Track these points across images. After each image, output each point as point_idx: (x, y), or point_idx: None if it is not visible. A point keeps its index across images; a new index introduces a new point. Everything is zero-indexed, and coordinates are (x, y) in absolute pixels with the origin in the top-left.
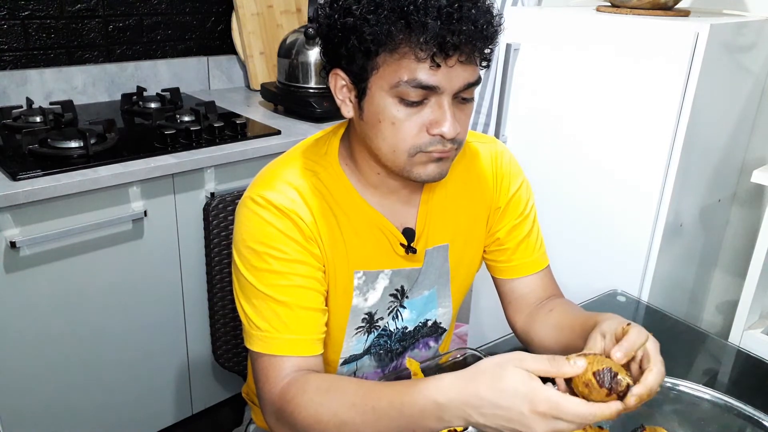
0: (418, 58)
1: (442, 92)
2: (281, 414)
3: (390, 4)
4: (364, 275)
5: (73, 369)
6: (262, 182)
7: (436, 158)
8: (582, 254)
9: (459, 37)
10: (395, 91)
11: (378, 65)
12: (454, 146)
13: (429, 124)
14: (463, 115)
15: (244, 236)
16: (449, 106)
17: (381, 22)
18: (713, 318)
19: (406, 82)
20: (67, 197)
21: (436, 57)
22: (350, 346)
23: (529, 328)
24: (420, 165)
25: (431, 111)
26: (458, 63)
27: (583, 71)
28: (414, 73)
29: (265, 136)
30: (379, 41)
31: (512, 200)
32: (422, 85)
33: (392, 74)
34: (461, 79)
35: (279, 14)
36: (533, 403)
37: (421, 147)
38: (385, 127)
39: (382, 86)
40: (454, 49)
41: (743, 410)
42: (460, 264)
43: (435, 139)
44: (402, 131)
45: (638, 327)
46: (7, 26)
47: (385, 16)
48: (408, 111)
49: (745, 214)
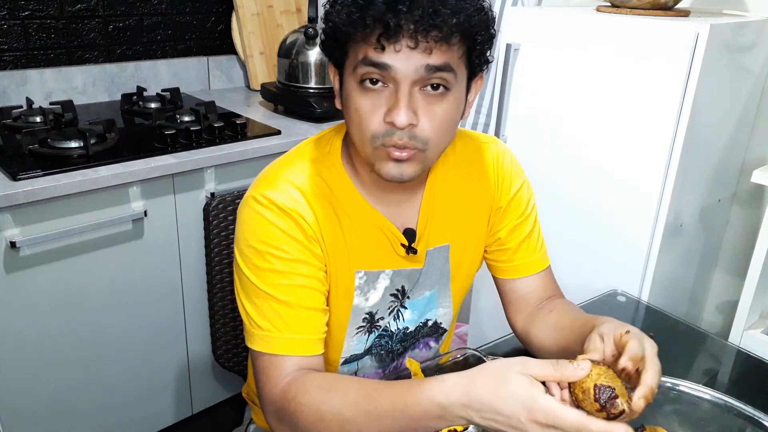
0: (365, 40)
1: (398, 77)
2: (282, 413)
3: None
4: (365, 275)
5: (73, 369)
6: (264, 181)
7: (394, 158)
8: (582, 254)
9: (403, 20)
10: (355, 75)
11: (347, 51)
12: (412, 143)
13: (386, 113)
14: (430, 111)
15: (246, 235)
16: (405, 94)
17: (342, 9)
18: (713, 318)
19: (360, 60)
20: (67, 197)
21: (382, 38)
22: (351, 345)
23: (528, 328)
24: (381, 161)
25: (388, 98)
26: (408, 48)
27: (583, 71)
28: (366, 51)
29: (265, 136)
30: (338, 28)
31: (513, 200)
32: (372, 62)
33: (354, 58)
34: (416, 62)
35: (279, 14)
36: (532, 411)
37: (378, 138)
38: (352, 114)
39: (349, 72)
40: (399, 31)
41: (743, 410)
42: (461, 264)
43: (390, 129)
44: (364, 119)
45: (637, 336)
46: (7, 26)
47: (350, 2)
48: (369, 97)
49: (745, 214)
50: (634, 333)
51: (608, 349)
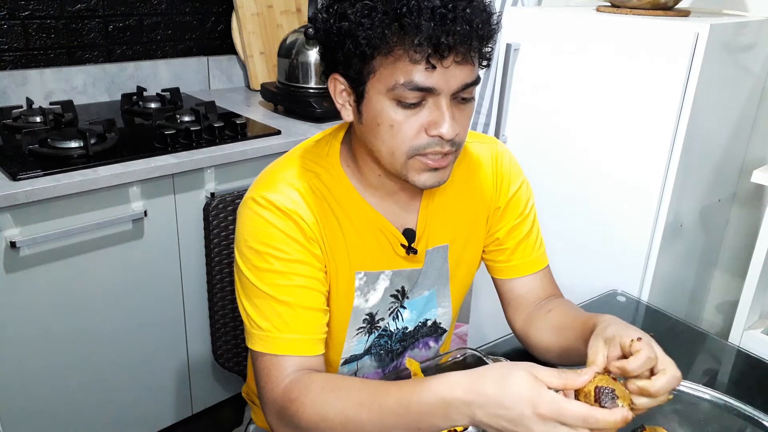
0: (413, 60)
1: (439, 93)
2: (283, 413)
3: (383, 7)
4: (365, 276)
5: (73, 369)
6: (263, 183)
7: (432, 167)
8: (582, 254)
9: (453, 38)
10: (392, 94)
11: (375, 68)
12: (452, 149)
13: (427, 125)
14: (463, 116)
15: (246, 236)
16: (447, 106)
17: (375, 25)
18: (713, 318)
19: (402, 84)
20: (67, 197)
21: (431, 58)
22: (351, 346)
23: (527, 328)
24: (415, 171)
25: (429, 112)
26: (454, 63)
27: (583, 71)
28: (410, 75)
29: (265, 136)
30: (373, 45)
31: (512, 200)
32: (419, 87)
33: (389, 77)
34: (458, 80)
35: (279, 14)
36: (536, 405)
37: (419, 149)
38: (383, 129)
39: (379, 89)
40: (449, 49)
41: (743, 410)
42: (459, 264)
43: (433, 140)
44: (400, 133)
45: (648, 346)
46: (7, 26)
47: (378, 19)
48: (406, 113)
49: (745, 214)
50: (646, 341)
51: (613, 353)
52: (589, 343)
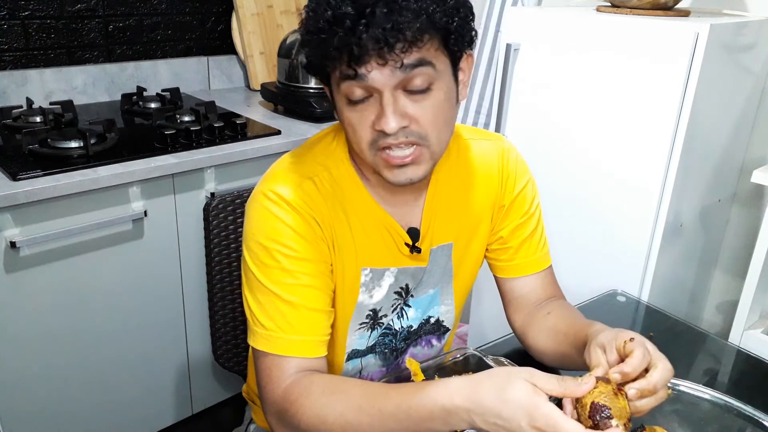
0: (338, 68)
1: (377, 87)
2: (284, 414)
3: (312, 26)
4: (371, 272)
5: (73, 369)
6: (274, 177)
7: (396, 164)
8: (582, 254)
9: (365, 46)
10: (341, 93)
11: (328, 72)
12: (412, 140)
13: (374, 121)
14: (420, 107)
15: (254, 231)
16: (390, 100)
17: (308, 43)
18: (713, 318)
19: (339, 78)
20: (67, 197)
21: (352, 63)
22: (353, 341)
23: (526, 328)
24: (384, 168)
25: (373, 108)
26: (378, 65)
27: (583, 71)
28: (344, 79)
29: (265, 136)
30: (311, 56)
31: (517, 199)
32: (348, 76)
33: (335, 80)
34: (395, 77)
35: (279, 14)
36: (533, 417)
37: (373, 144)
38: (347, 129)
39: (336, 90)
40: (363, 56)
41: (743, 410)
42: (463, 262)
43: (381, 135)
44: (357, 132)
45: (642, 345)
46: (7, 26)
47: (314, 33)
48: (357, 111)
49: (745, 214)
50: (639, 341)
51: (612, 358)
52: (587, 353)
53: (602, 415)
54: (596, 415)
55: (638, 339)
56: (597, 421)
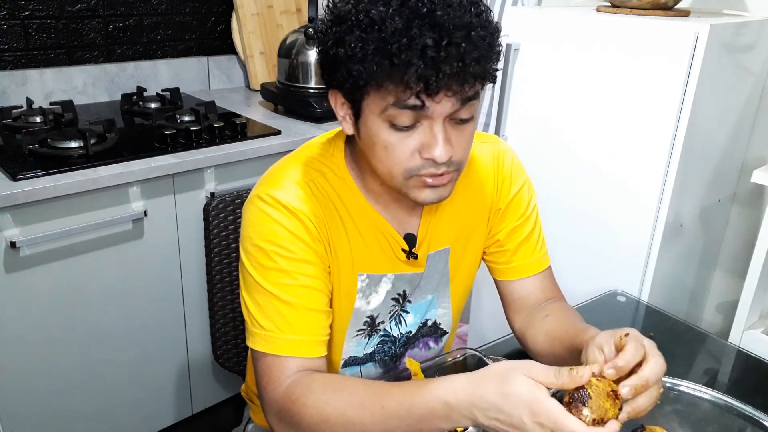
0: (404, 96)
1: (431, 116)
2: (284, 414)
3: (376, 42)
4: (367, 278)
5: (73, 369)
6: (270, 180)
7: (431, 185)
8: (582, 254)
9: (443, 78)
10: (385, 116)
11: (368, 92)
12: (450, 169)
13: (421, 148)
14: (461, 137)
15: (251, 234)
16: (441, 129)
17: (367, 59)
18: (713, 318)
19: (393, 105)
20: (67, 197)
21: (421, 95)
22: (350, 347)
23: (525, 330)
24: (415, 189)
25: (422, 135)
26: (446, 97)
27: (583, 71)
28: (399, 98)
29: (265, 136)
30: (364, 77)
31: (513, 202)
32: (408, 106)
33: (381, 100)
34: (451, 106)
35: (279, 14)
36: (534, 413)
37: (413, 171)
38: (378, 150)
39: (373, 110)
40: (438, 87)
41: (743, 410)
42: (459, 266)
43: (427, 162)
44: (394, 156)
45: (635, 340)
46: (7, 26)
47: (371, 53)
48: (399, 135)
49: (745, 214)
50: (633, 335)
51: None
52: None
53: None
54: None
55: (633, 334)
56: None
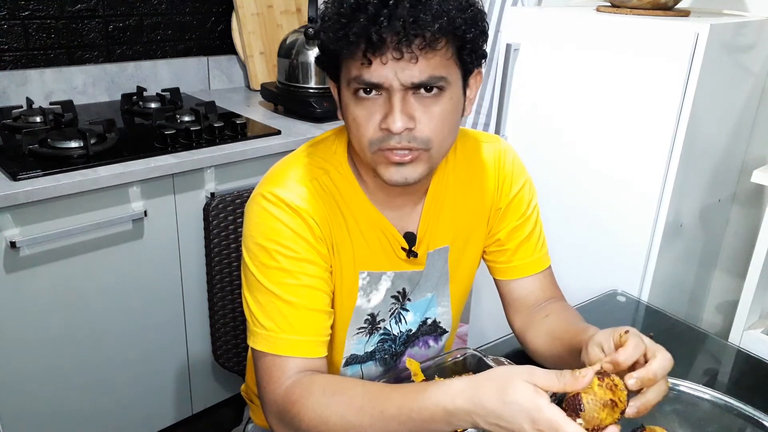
0: (352, 56)
1: (389, 87)
2: (284, 414)
3: (335, 9)
4: (368, 276)
5: (73, 369)
6: (273, 179)
7: (394, 161)
8: (582, 254)
9: (385, 34)
10: (350, 88)
11: (340, 66)
12: (413, 145)
13: (380, 120)
14: (428, 112)
15: (254, 233)
16: (399, 100)
17: (328, 27)
18: (713, 318)
19: (353, 78)
20: (67, 197)
21: (368, 53)
22: (351, 345)
23: (525, 330)
24: (381, 165)
25: (382, 107)
26: (394, 59)
27: (583, 71)
28: (357, 70)
29: (265, 136)
30: (329, 44)
31: (513, 201)
32: (364, 81)
33: (346, 73)
34: (406, 76)
35: (279, 14)
36: (535, 420)
37: (375, 143)
38: (351, 125)
39: (344, 85)
40: (381, 46)
41: (743, 410)
42: (459, 265)
43: (386, 134)
44: (360, 128)
45: (635, 336)
46: (7, 26)
47: (332, 21)
48: (363, 107)
49: (745, 214)
50: (633, 332)
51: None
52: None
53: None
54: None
55: (633, 331)
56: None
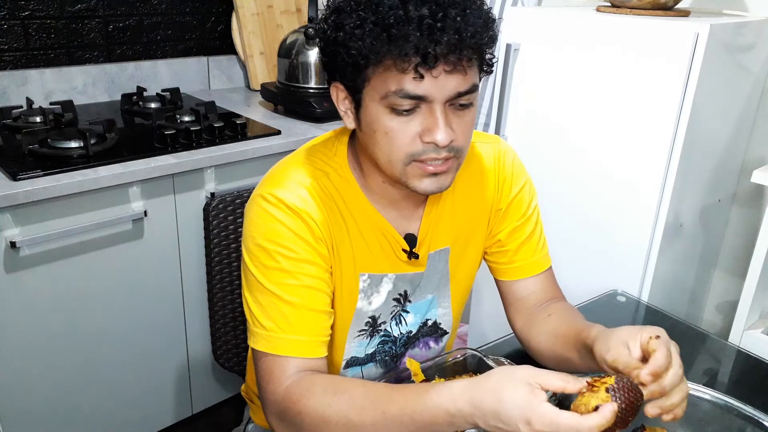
0: (401, 70)
1: (432, 100)
2: (285, 414)
3: (374, 18)
4: (369, 278)
5: (74, 369)
6: (272, 180)
7: (431, 172)
8: (582, 254)
9: (441, 48)
10: (386, 102)
11: (369, 77)
12: (450, 155)
13: (422, 133)
14: (462, 122)
15: (254, 234)
16: (441, 113)
17: (365, 35)
18: (713, 318)
19: (393, 92)
20: (67, 197)
21: (420, 67)
22: (351, 348)
23: (527, 331)
24: (415, 177)
25: (423, 119)
26: (445, 72)
27: (583, 71)
28: (400, 83)
29: (265, 136)
30: (364, 55)
31: (514, 202)
32: (409, 95)
33: (381, 85)
34: (452, 87)
35: (279, 14)
36: (530, 421)
37: (414, 155)
38: (379, 137)
39: (374, 97)
40: (437, 59)
41: (743, 410)
42: (459, 266)
43: (429, 147)
44: (395, 141)
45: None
46: (7, 26)
47: (369, 29)
48: (400, 120)
49: (745, 214)
50: (663, 340)
51: (636, 354)
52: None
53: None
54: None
55: (664, 337)
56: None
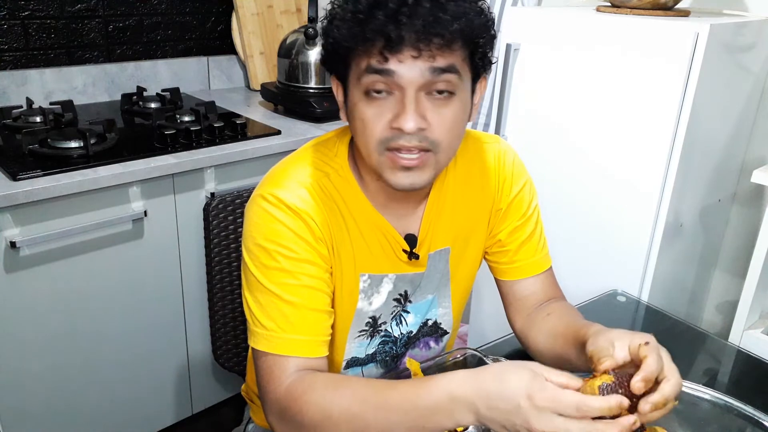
0: (369, 54)
1: (403, 83)
2: (285, 413)
3: (352, 7)
4: (369, 278)
5: (73, 369)
6: (273, 180)
7: (404, 165)
8: (582, 254)
9: (403, 33)
10: (361, 86)
11: (349, 64)
12: (423, 145)
13: (392, 119)
14: (439, 114)
15: (254, 234)
16: (412, 99)
17: (343, 23)
18: (713, 318)
19: (364, 70)
20: (67, 197)
21: (385, 50)
22: (352, 348)
23: (527, 330)
24: (389, 169)
25: (394, 105)
26: (412, 58)
27: (583, 71)
28: (368, 61)
29: (265, 136)
30: (339, 42)
31: (514, 202)
32: (375, 69)
33: (356, 69)
34: (418, 74)
35: (279, 14)
36: (532, 396)
37: (385, 142)
38: (358, 125)
39: (354, 84)
40: (401, 42)
41: (743, 410)
42: (460, 266)
43: (396, 133)
44: (368, 127)
45: (655, 349)
46: (7, 26)
47: (348, 18)
48: (374, 108)
49: (745, 214)
50: (653, 346)
51: (621, 355)
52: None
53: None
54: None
55: (653, 344)
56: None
